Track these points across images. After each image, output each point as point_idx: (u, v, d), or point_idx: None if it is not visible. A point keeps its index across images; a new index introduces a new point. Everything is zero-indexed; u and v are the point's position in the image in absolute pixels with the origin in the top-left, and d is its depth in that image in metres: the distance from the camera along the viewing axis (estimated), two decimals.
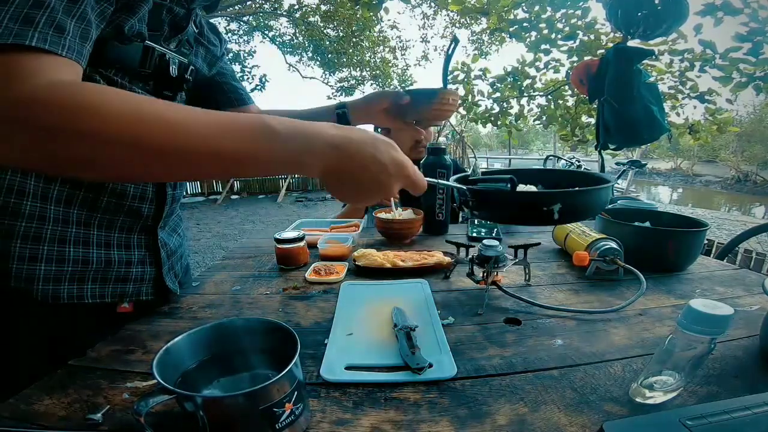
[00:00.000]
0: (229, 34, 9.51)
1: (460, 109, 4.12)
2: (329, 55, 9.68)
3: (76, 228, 0.55)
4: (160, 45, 0.59)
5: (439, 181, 0.73)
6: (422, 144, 1.42)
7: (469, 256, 0.74)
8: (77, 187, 0.54)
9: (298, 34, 9.82)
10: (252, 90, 9.52)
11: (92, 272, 0.57)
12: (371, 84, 10.66)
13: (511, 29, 3.28)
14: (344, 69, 10.33)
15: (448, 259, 0.82)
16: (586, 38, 3.19)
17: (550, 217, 0.55)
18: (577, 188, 0.60)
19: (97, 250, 0.58)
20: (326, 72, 10.48)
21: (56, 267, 0.54)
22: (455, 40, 0.82)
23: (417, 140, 1.40)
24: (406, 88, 0.88)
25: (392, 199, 1.13)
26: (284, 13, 9.39)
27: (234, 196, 8.99)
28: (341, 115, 0.86)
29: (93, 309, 0.58)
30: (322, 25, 9.26)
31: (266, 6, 9.41)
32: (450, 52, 0.82)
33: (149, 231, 0.65)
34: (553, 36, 3.22)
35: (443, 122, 0.88)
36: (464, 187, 0.61)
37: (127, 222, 0.61)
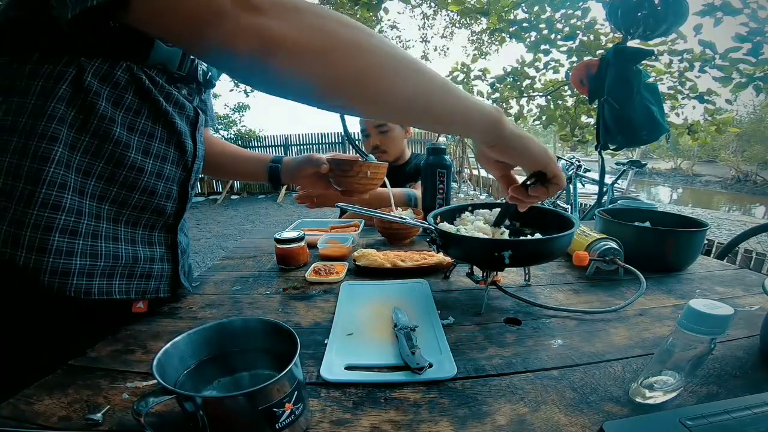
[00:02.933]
0: None
1: None
2: None
3: (106, 223, 0.56)
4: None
5: (406, 219, 0.85)
6: (379, 149, 1.42)
7: None
8: (111, 182, 0.55)
9: None
10: (252, 90, 9.51)
11: (121, 268, 0.58)
12: None
13: (511, 29, 3.28)
14: None
15: (448, 259, 0.82)
16: (585, 38, 3.20)
17: (501, 262, 0.60)
18: (528, 237, 0.66)
19: (125, 246, 0.58)
20: None
21: (90, 261, 0.54)
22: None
23: (373, 145, 1.41)
24: (330, 156, 0.87)
25: (392, 199, 1.13)
26: None
27: (234, 196, 8.99)
28: (273, 168, 0.91)
29: (107, 308, 0.58)
30: None
31: None
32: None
33: (170, 229, 0.66)
34: (552, 36, 3.22)
35: (364, 195, 0.87)
36: (433, 226, 0.68)
37: (152, 220, 0.62)
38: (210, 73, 0.69)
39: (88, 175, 0.53)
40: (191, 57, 0.60)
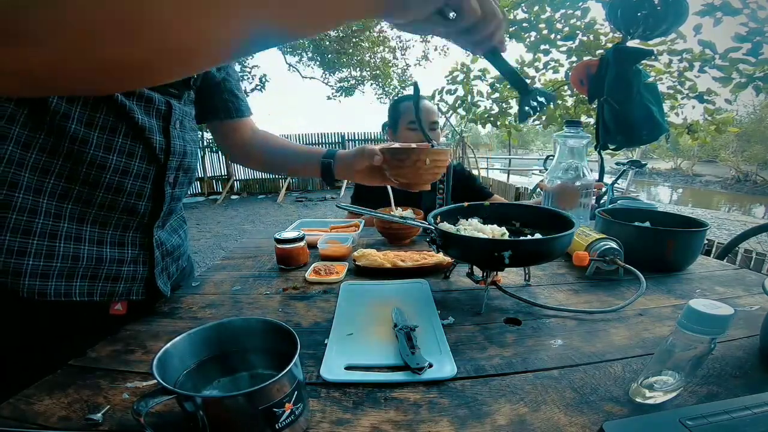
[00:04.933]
0: None
1: (459, 110, 4.12)
2: (329, 55, 9.68)
3: (68, 223, 0.55)
4: None
5: (406, 219, 0.80)
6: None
7: None
8: (73, 181, 0.54)
9: None
10: (252, 90, 9.52)
11: (82, 269, 0.56)
12: (371, 84, 10.66)
13: (510, 30, 3.28)
14: (344, 69, 10.34)
15: (448, 259, 0.82)
16: (585, 38, 3.20)
17: (501, 262, 0.59)
18: (528, 237, 0.66)
19: (88, 247, 0.57)
20: (326, 72, 10.48)
21: (45, 262, 0.53)
22: (416, 88, 0.77)
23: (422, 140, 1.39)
24: (384, 146, 0.78)
25: (392, 199, 1.13)
26: None
27: (234, 196, 8.99)
28: (325, 165, 0.84)
29: (84, 309, 0.57)
30: None
31: None
32: (416, 100, 0.78)
33: (145, 230, 0.64)
34: (552, 36, 3.22)
35: (426, 186, 0.78)
36: (433, 226, 0.67)
37: (123, 219, 0.60)
38: None
39: (47, 174, 0.52)
40: None
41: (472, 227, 0.73)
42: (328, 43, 9.45)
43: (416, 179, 0.74)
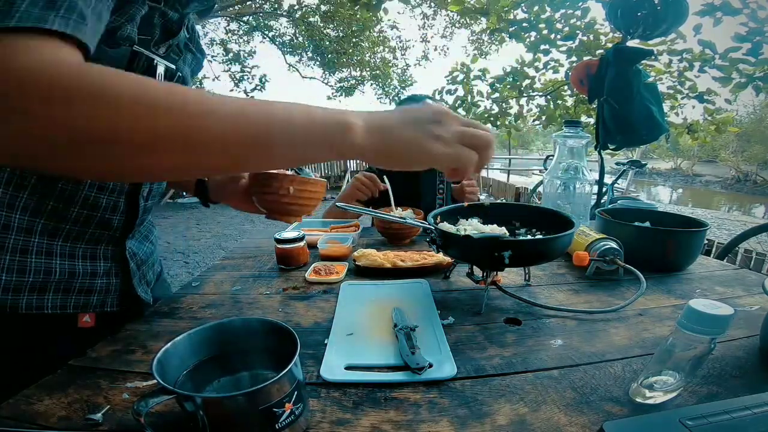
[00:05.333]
0: (229, 34, 9.51)
1: (460, 110, 4.12)
2: (329, 55, 9.67)
3: (39, 238, 0.54)
4: (149, 50, 0.57)
5: (406, 219, 0.80)
6: (469, 188, 1.35)
7: None
8: (47, 196, 0.53)
9: (298, 35, 9.81)
10: (252, 90, 9.51)
11: (54, 283, 0.56)
12: (371, 84, 10.66)
13: (510, 30, 3.28)
14: (344, 69, 10.33)
15: (448, 259, 0.82)
16: (585, 38, 3.20)
17: (501, 262, 0.60)
18: (528, 237, 0.67)
19: (60, 261, 0.56)
20: (326, 72, 10.47)
21: (17, 277, 0.52)
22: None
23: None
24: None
25: (392, 199, 1.13)
26: (284, 14, 9.39)
27: None
28: (199, 184, 0.78)
29: (52, 321, 0.57)
30: (322, 25, 9.26)
31: (266, 6, 9.41)
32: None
33: (117, 242, 0.63)
34: (552, 36, 3.22)
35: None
36: (433, 226, 0.68)
37: (96, 234, 0.59)
38: (178, 74, 0.65)
39: (20, 189, 0.51)
40: (145, 59, 0.56)
41: (472, 227, 0.73)
42: (328, 43, 9.44)
43: (279, 208, 0.67)
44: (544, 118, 3.97)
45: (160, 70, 0.59)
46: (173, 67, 0.63)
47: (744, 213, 9.99)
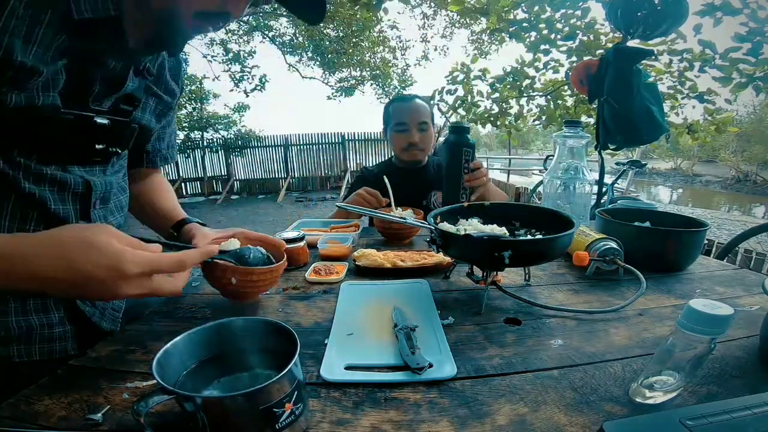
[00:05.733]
0: (229, 34, 9.50)
1: (460, 110, 4.11)
2: (329, 55, 9.67)
3: None
4: (89, 107, 0.57)
5: (406, 219, 0.80)
6: (416, 147, 1.39)
7: None
8: None
9: (298, 35, 9.81)
10: (252, 90, 9.51)
11: (15, 337, 0.57)
12: (371, 84, 10.66)
13: (510, 29, 3.28)
14: (344, 69, 10.33)
15: (448, 259, 0.82)
16: (585, 38, 3.19)
17: (501, 262, 0.59)
18: (528, 237, 0.66)
19: (15, 318, 0.57)
20: (326, 72, 10.47)
21: None
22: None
23: (410, 142, 1.38)
24: (217, 246, 0.65)
25: (392, 199, 1.13)
26: (284, 14, 9.39)
27: (234, 196, 8.99)
28: (170, 237, 0.78)
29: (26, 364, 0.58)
30: (322, 25, 9.26)
31: (266, 6, 9.41)
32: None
33: None
34: (552, 36, 3.22)
35: None
36: (433, 226, 0.68)
37: None
38: (134, 126, 0.65)
39: None
40: (74, 122, 0.55)
41: (472, 227, 0.73)
42: (328, 43, 9.45)
43: (228, 292, 0.66)
44: (544, 118, 3.97)
45: (102, 129, 0.59)
46: (125, 119, 0.63)
47: (744, 213, 9.99)
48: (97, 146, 0.61)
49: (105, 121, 0.60)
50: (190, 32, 0.60)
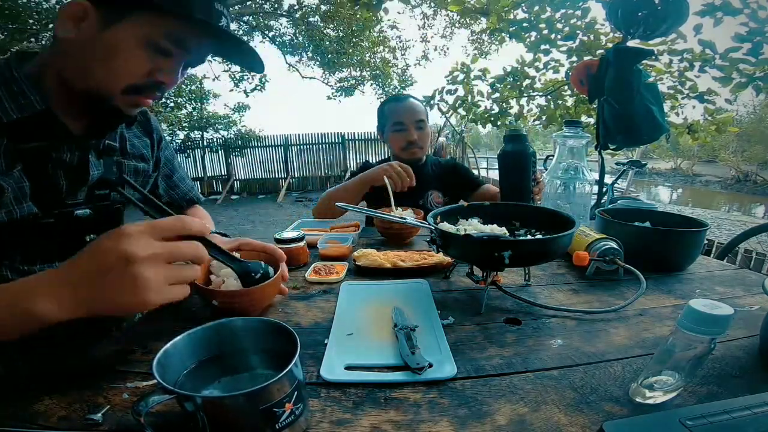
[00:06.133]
0: None
1: (460, 110, 4.12)
2: (329, 55, 9.66)
3: None
4: (65, 204, 0.58)
5: (406, 219, 0.81)
6: (415, 144, 1.39)
7: None
8: None
9: (298, 35, 9.81)
10: (252, 90, 9.51)
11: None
12: (371, 84, 10.66)
13: (510, 29, 3.28)
14: (344, 69, 10.33)
15: (448, 259, 0.82)
16: (585, 38, 3.19)
17: (501, 262, 0.59)
18: (528, 237, 0.66)
19: None
20: (326, 72, 10.47)
21: None
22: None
23: (409, 141, 1.38)
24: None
25: (392, 199, 1.13)
26: (284, 14, 9.38)
27: (234, 196, 8.99)
28: None
29: None
30: (322, 25, 9.25)
31: (266, 6, 9.40)
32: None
33: None
34: (552, 36, 3.22)
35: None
36: (433, 226, 0.68)
37: None
38: (116, 207, 0.66)
39: None
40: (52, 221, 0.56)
41: (472, 227, 0.73)
42: (328, 43, 9.44)
43: (220, 309, 0.62)
44: (544, 118, 3.96)
45: (84, 218, 0.61)
46: (106, 202, 0.64)
47: (744, 213, 9.99)
48: (87, 238, 0.62)
49: (86, 212, 0.61)
50: (128, 109, 0.60)
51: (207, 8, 0.55)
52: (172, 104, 8.96)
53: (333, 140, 9.66)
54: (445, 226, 0.72)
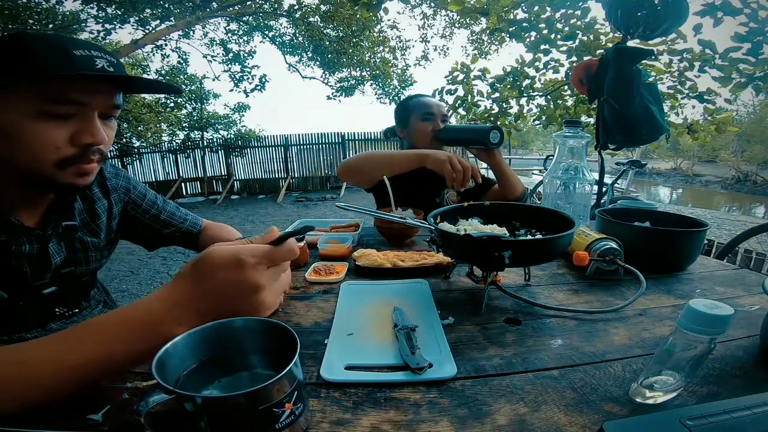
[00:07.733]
0: (229, 34, 9.50)
1: (460, 110, 4.12)
2: (329, 55, 9.66)
3: None
4: (32, 287, 0.59)
5: (406, 219, 0.80)
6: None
7: None
8: None
9: (298, 35, 9.81)
10: (252, 90, 9.51)
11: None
12: (371, 84, 10.66)
13: (510, 29, 3.28)
14: (344, 69, 10.32)
15: (448, 259, 0.82)
16: (585, 38, 3.19)
17: (501, 262, 0.60)
18: (528, 237, 0.67)
19: None
20: (326, 72, 10.47)
21: None
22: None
23: (436, 130, 1.39)
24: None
25: (392, 199, 1.13)
26: (284, 14, 9.38)
27: (234, 196, 8.99)
28: None
29: None
30: (322, 25, 9.26)
31: (266, 6, 9.41)
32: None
33: None
34: (552, 36, 3.22)
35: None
36: (434, 226, 0.68)
37: None
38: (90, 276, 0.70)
39: None
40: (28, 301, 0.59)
41: (472, 227, 0.73)
42: (328, 43, 9.44)
43: None
44: (544, 118, 3.96)
45: (50, 291, 0.63)
46: (71, 278, 0.67)
47: (744, 213, 9.98)
48: (56, 311, 0.65)
49: (52, 289, 0.63)
50: (77, 180, 0.58)
51: (68, 59, 0.51)
52: (172, 104, 8.97)
53: (333, 140, 9.65)
54: (445, 226, 0.72)
